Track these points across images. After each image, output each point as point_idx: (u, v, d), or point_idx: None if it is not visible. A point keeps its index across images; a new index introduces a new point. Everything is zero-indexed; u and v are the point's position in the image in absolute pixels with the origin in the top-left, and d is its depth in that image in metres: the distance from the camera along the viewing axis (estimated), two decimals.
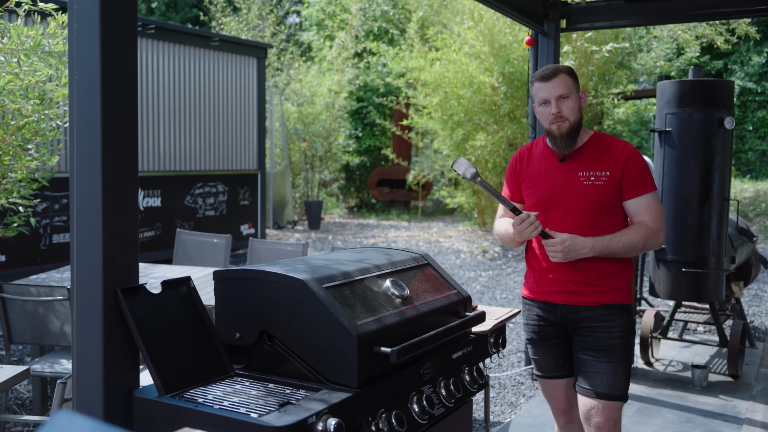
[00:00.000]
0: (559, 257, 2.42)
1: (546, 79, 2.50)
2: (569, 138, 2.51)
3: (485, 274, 9.35)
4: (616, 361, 2.51)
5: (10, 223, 4.18)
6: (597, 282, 2.52)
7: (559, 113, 2.48)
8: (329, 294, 1.88)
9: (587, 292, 2.53)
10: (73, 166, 1.86)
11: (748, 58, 18.10)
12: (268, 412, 1.64)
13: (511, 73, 11.00)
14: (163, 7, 26.59)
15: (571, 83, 2.51)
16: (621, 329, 2.53)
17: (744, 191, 15.06)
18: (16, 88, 3.83)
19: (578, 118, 2.52)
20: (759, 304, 7.52)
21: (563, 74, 2.50)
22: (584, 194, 2.50)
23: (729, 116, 4.68)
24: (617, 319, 2.52)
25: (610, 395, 2.50)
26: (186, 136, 9.56)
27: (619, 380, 2.51)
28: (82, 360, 1.86)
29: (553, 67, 2.53)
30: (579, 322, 2.56)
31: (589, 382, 2.52)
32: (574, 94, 2.51)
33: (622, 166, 2.49)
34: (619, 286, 2.54)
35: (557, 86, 2.48)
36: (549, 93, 2.49)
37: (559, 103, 2.48)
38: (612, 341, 2.51)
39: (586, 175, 2.51)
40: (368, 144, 17.70)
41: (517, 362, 5.36)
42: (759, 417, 4.15)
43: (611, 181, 2.48)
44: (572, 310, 2.56)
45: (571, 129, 2.50)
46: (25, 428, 3.88)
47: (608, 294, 2.53)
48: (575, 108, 2.50)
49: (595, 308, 2.53)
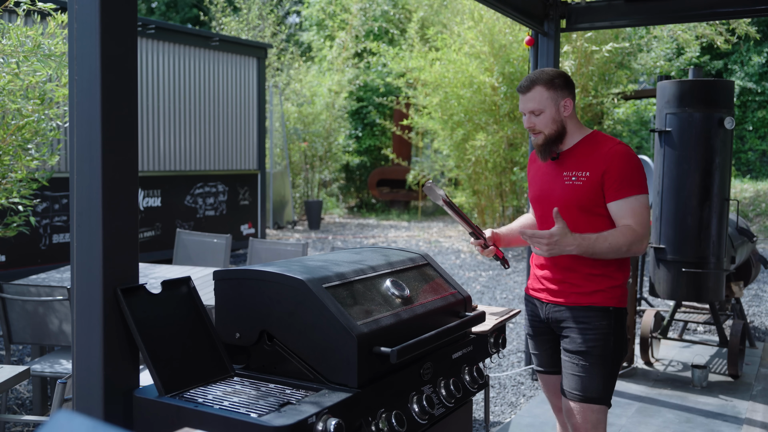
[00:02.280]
0: (544, 250, 2.34)
1: (521, 91, 2.51)
2: (545, 149, 2.52)
3: (485, 274, 9.35)
4: (592, 363, 2.47)
5: (10, 223, 4.18)
6: (579, 282, 2.52)
7: (531, 127, 2.50)
8: (329, 294, 1.88)
9: (568, 293, 2.54)
10: (73, 166, 1.86)
11: (748, 58, 18.10)
12: (268, 412, 1.64)
13: (511, 73, 10.99)
14: (163, 7, 26.59)
15: (547, 96, 2.46)
16: (598, 332, 2.48)
17: (744, 191, 15.05)
18: (16, 88, 3.83)
19: (554, 129, 2.48)
20: (759, 304, 7.52)
21: (539, 86, 2.46)
22: (564, 194, 2.51)
23: (729, 116, 4.68)
24: (594, 322, 2.49)
25: (584, 397, 2.48)
26: (186, 136, 9.56)
27: (594, 383, 2.47)
28: (82, 360, 1.86)
29: (529, 79, 2.49)
30: (560, 322, 2.58)
31: (566, 382, 2.53)
32: (550, 108, 2.46)
33: (603, 168, 2.43)
34: (602, 289, 2.50)
35: (529, 101, 2.48)
36: (523, 106, 2.51)
37: (531, 117, 2.49)
38: (588, 343, 2.48)
39: (568, 175, 2.51)
40: (368, 144, 17.69)
41: (517, 362, 5.36)
42: (759, 417, 4.15)
43: (590, 182, 2.45)
44: (554, 309, 2.59)
45: (547, 140, 2.50)
46: (25, 428, 3.88)
47: (588, 296, 2.51)
48: (549, 121, 2.47)
49: (574, 309, 2.52)
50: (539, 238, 2.33)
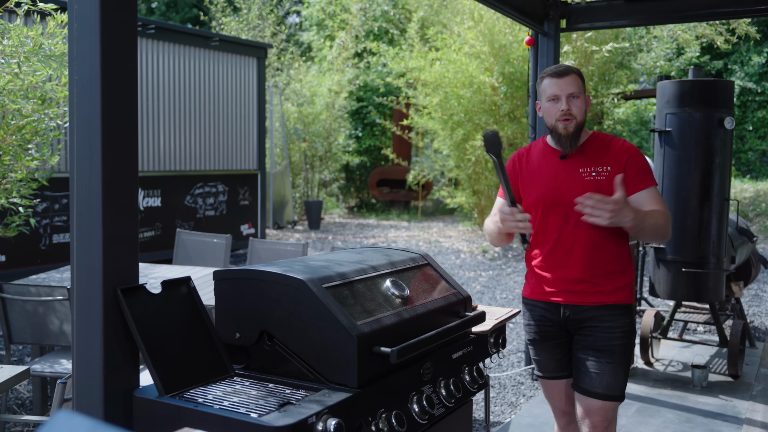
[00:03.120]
0: (605, 217, 2.26)
1: (559, 75, 2.53)
2: (574, 137, 2.53)
3: (485, 274, 9.35)
4: (616, 361, 2.52)
5: (10, 223, 4.18)
6: (600, 281, 2.52)
7: (568, 110, 2.50)
8: (329, 294, 1.88)
9: (590, 292, 2.53)
10: (73, 166, 1.85)
11: (748, 58, 18.10)
12: (268, 412, 1.64)
13: (511, 73, 11.00)
14: (163, 7, 26.59)
15: (581, 84, 2.55)
16: (623, 330, 2.53)
17: (744, 191, 15.06)
18: (16, 88, 3.83)
19: (584, 119, 2.56)
20: (759, 304, 7.52)
21: (575, 75, 2.54)
22: (587, 189, 2.48)
23: (729, 116, 4.68)
24: (620, 320, 2.53)
25: (609, 395, 2.51)
26: (186, 136, 9.56)
27: (618, 381, 2.52)
28: (82, 360, 1.86)
29: (565, 66, 2.57)
30: (582, 322, 2.56)
31: (588, 381, 2.53)
32: (583, 96, 2.55)
33: (624, 162, 2.51)
34: (621, 286, 2.55)
35: (569, 84, 2.51)
36: (561, 90, 2.51)
37: (569, 101, 2.51)
38: (614, 341, 2.52)
39: (587, 170, 2.53)
40: (368, 144, 17.69)
41: (517, 362, 5.36)
42: (759, 417, 4.15)
43: (612, 176, 2.48)
44: (575, 310, 2.56)
45: (577, 128, 2.53)
46: (25, 428, 3.88)
47: (611, 294, 2.53)
48: (583, 108, 2.54)
49: (598, 308, 2.53)
50: (606, 203, 2.26)
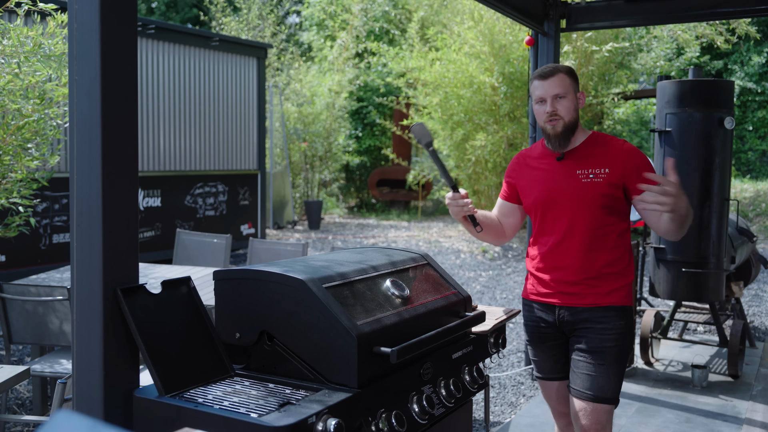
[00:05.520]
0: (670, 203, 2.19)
1: (544, 77, 2.51)
2: (563, 137, 2.52)
3: (485, 274, 9.35)
4: (608, 363, 2.48)
5: (10, 223, 4.18)
6: (595, 282, 2.51)
7: (554, 112, 2.49)
8: (329, 294, 1.88)
9: (585, 294, 2.52)
10: (73, 166, 1.85)
11: (748, 58, 18.10)
12: (268, 412, 1.64)
13: (511, 73, 11.00)
14: (163, 7, 26.59)
15: (569, 83, 2.51)
16: (617, 332, 2.50)
17: (744, 191, 15.05)
18: (16, 88, 3.83)
19: (573, 118, 2.53)
20: (759, 304, 7.52)
21: (561, 74, 2.51)
22: (583, 192, 2.49)
23: (729, 116, 4.68)
24: (614, 321, 2.50)
25: (599, 397, 2.48)
26: (186, 136, 9.56)
27: (610, 383, 2.48)
28: (82, 360, 1.86)
29: (552, 66, 2.54)
30: (576, 324, 2.55)
31: (580, 383, 2.51)
32: (571, 94, 2.51)
33: (621, 164, 2.47)
34: (618, 288, 2.52)
35: (554, 85, 2.49)
36: (545, 91, 2.50)
37: (554, 102, 2.49)
38: (607, 343, 2.49)
39: (584, 172, 2.51)
40: (368, 144, 17.69)
41: (517, 362, 5.36)
42: (759, 417, 4.15)
43: (610, 179, 2.47)
44: (570, 312, 2.55)
45: (565, 128, 2.51)
46: (25, 428, 3.88)
47: (606, 296, 2.51)
48: (571, 108, 2.51)
49: (593, 310, 2.52)
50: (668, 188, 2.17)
